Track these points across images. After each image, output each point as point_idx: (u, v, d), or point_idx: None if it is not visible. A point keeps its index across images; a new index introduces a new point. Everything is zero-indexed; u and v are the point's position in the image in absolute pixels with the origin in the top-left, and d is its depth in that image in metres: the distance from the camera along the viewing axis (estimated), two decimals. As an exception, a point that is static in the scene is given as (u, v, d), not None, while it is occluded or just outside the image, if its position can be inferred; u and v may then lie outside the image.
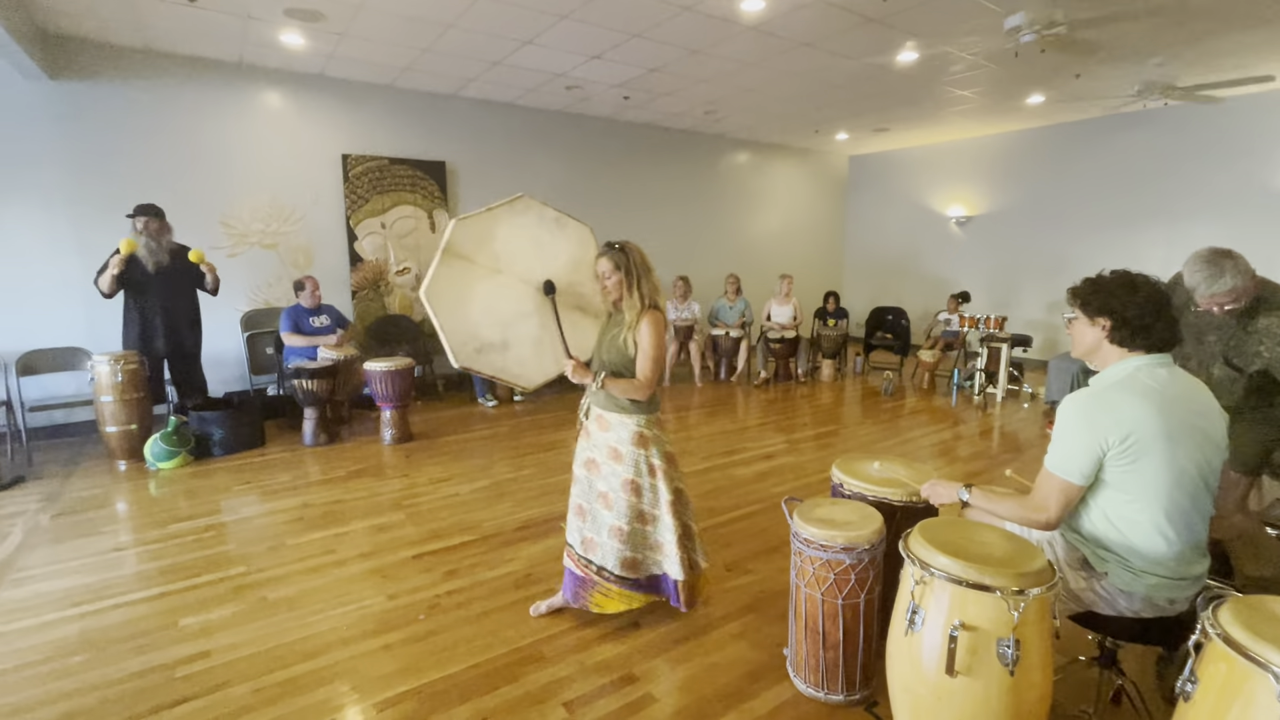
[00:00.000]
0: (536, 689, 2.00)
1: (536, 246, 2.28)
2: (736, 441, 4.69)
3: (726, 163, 8.44)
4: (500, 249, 2.23)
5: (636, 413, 2.19)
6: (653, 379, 2.15)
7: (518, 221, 2.26)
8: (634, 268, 2.15)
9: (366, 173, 5.82)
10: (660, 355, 2.15)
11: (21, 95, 4.42)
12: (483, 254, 2.19)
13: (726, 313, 7.01)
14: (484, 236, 2.19)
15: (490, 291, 2.21)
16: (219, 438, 4.26)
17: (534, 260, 2.27)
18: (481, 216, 2.20)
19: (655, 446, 2.22)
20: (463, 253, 2.16)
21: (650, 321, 2.13)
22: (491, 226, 2.21)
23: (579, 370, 2.20)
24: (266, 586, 2.61)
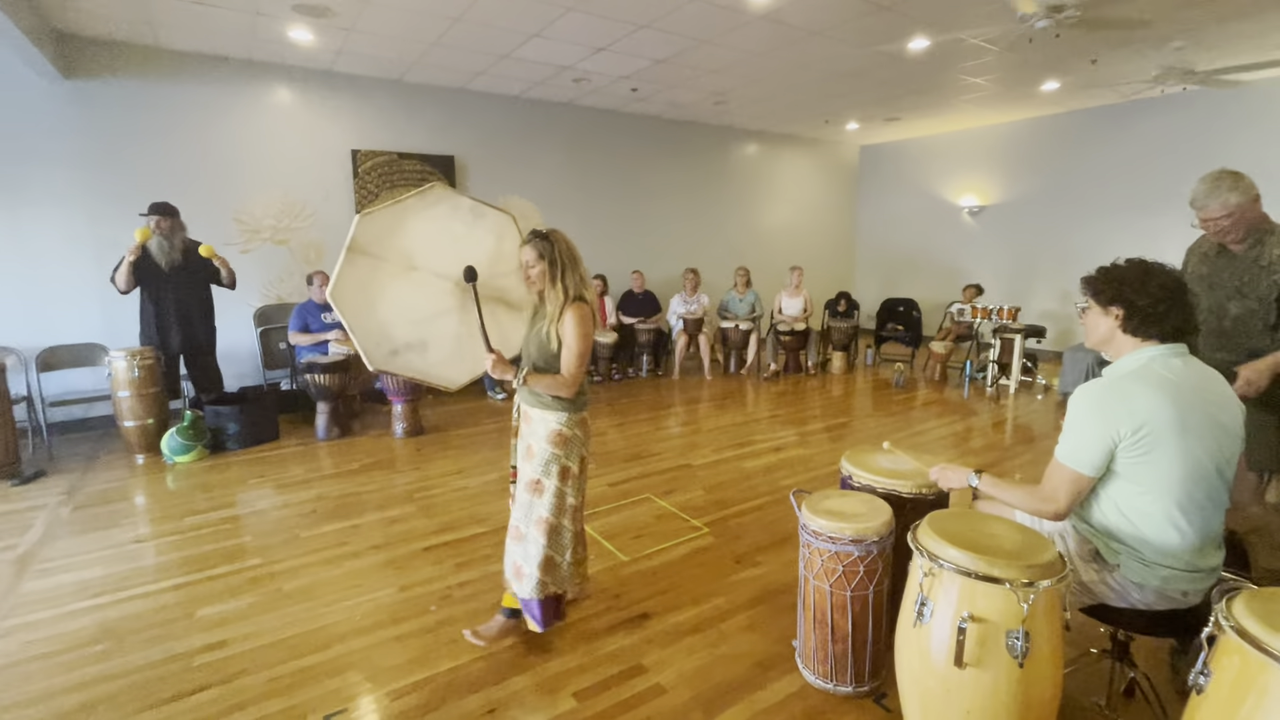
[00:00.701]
0: (547, 679, 2.02)
1: (453, 239, 2.16)
2: (746, 434, 4.68)
3: (735, 154, 8.39)
4: (413, 244, 2.10)
5: (560, 409, 2.09)
6: (577, 375, 2.05)
7: (431, 213, 2.13)
8: (559, 257, 2.03)
9: (376, 168, 5.84)
10: (585, 350, 2.04)
11: (37, 95, 4.48)
12: (393, 250, 2.07)
13: (736, 305, 6.98)
14: (393, 231, 2.07)
15: (404, 289, 2.09)
16: (234, 432, 4.32)
17: (451, 254, 2.14)
18: (389, 210, 2.07)
19: (575, 447, 2.11)
20: (370, 250, 2.04)
21: (575, 314, 2.01)
22: (400, 220, 2.08)
23: (499, 365, 2.08)
24: (282, 578, 2.65)
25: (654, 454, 4.22)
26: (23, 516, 3.30)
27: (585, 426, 2.16)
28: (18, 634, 2.28)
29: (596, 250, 7.25)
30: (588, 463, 2.21)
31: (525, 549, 2.12)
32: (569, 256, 2.04)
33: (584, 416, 2.15)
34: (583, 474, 2.18)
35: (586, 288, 2.08)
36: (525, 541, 2.12)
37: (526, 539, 2.12)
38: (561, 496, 2.11)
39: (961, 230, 8.68)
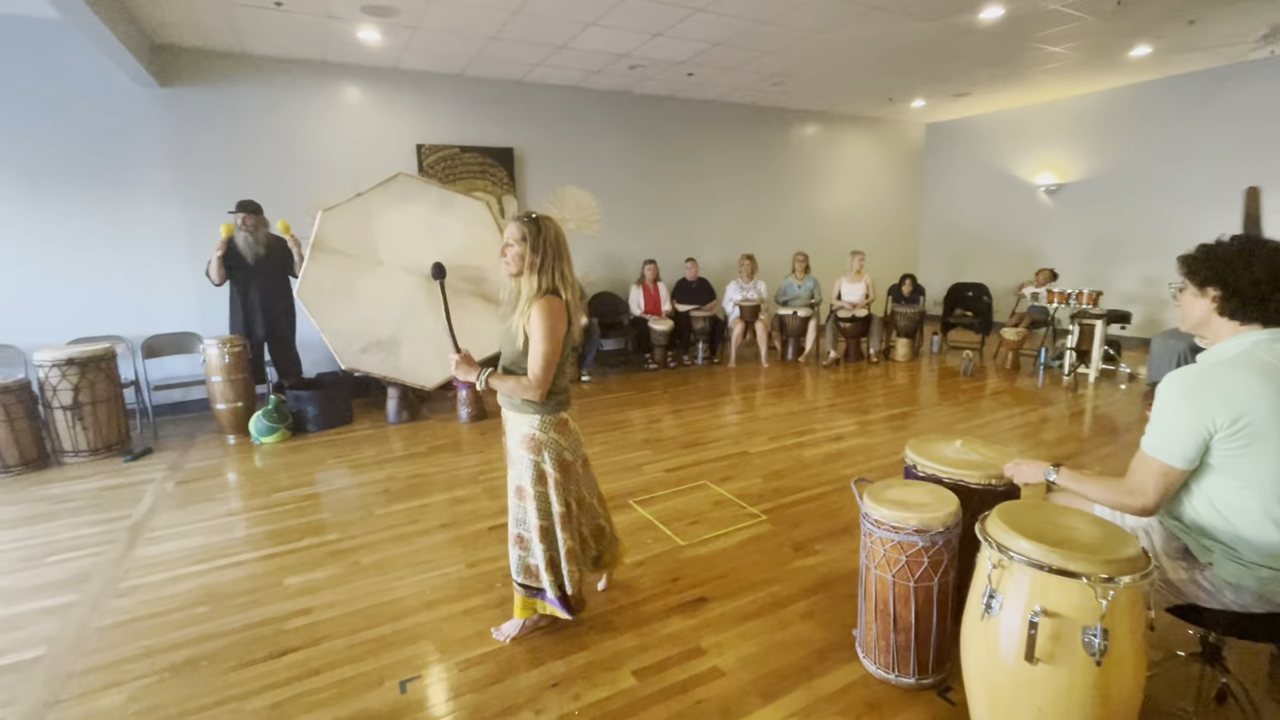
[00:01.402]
0: (606, 656, 2.08)
1: (424, 231, 2.05)
2: (804, 422, 4.61)
3: (794, 136, 8.19)
4: (381, 238, 2.01)
5: (531, 412, 1.97)
6: (543, 378, 1.89)
7: (397, 205, 2.03)
8: (543, 244, 1.88)
9: (439, 161, 6.03)
10: (554, 350, 1.89)
11: (136, 102, 4.85)
12: (360, 245, 1.96)
13: (794, 291, 6.85)
14: (359, 226, 1.96)
15: (374, 286, 1.99)
16: (313, 415, 4.60)
17: (422, 246, 2.07)
18: (352, 204, 1.97)
19: (547, 452, 2.00)
20: (335, 247, 1.95)
21: (544, 308, 1.86)
22: (365, 214, 2.00)
23: (464, 365, 1.98)
24: (359, 552, 2.82)
25: (710, 441, 4.23)
26: (134, 489, 3.64)
27: (564, 429, 2.05)
28: (134, 594, 2.53)
29: (652, 237, 7.27)
30: (574, 466, 2.09)
31: (531, 554, 2.09)
32: (555, 248, 1.91)
33: (561, 418, 2.04)
34: (568, 478, 2.07)
35: (568, 287, 1.94)
36: (528, 547, 2.09)
37: (530, 544, 2.08)
38: (545, 501, 2.04)
39: (1037, 210, 8.19)
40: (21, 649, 2.20)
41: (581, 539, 2.17)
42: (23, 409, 3.93)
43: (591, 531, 2.24)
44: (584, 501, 2.18)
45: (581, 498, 2.16)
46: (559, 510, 2.05)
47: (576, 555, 2.12)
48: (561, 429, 2.04)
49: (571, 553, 2.09)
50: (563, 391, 2.04)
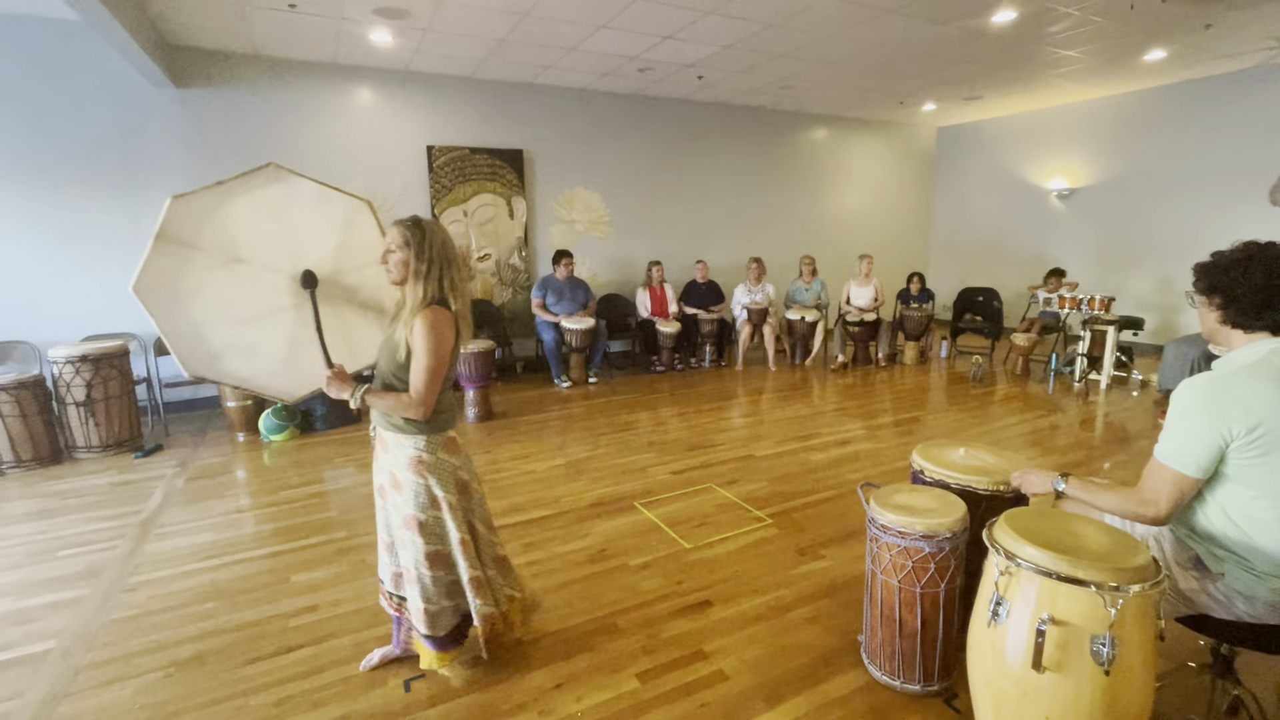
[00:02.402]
0: (610, 659, 2.08)
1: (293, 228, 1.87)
2: (811, 426, 4.59)
3: (803, 139, 8.18)
4: (240, 232, 1.81)
5: (414, 432, 1.80)
6: (426, 395, 1.72)
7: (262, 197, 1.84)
8: (428, 250, 1.74)
9: (449, 163, 6.06)
10: (436, 366, 1.72)
11: (152, 103, 4.91)
12: (214, 239, 1.79)
13: (802, 295, 6.83)
14: (215, 217, 1.79)
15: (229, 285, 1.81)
16: (321, 414, 4.63)
17: (289, 245, 1.85)
18: (209, 192, 1.79)
19: (437, 475, 1.82)
20: (183, 238, 1.75)
21: (429, 320, 1.70)
22: (224, 204, 1.80)
23: (336, 381, 1.80)
24: (365, 550, 2.83)
25: (716, 444, 4.22)
26: (145, 485, 3.68)
27: (453, 447, 1.88)
28: (143, 589, 2.55)
29: (660, 239, 7.27)
30: (472, 486, 1.93)
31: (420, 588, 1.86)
32: (442, 254, 1.76)
33: (449, 437, 1.87)
34: (466, 500, 1.90)
35: (458, 297, 1.78)
36: (416, 582, 1.86)
37: (419, 579, 1.86)
38: (442, 527, 1.86)
39: (1049, 215, 8.14)
40: (32, 642, 2.22)
41: (498, 561, 1.98)
42: (37, 405, 3.98)
43: (494, 562, 1.98)
44: (476, 531, 1.95)
45: (476, 525, 1.94)
46: (458, 536, 1.85)
47: (482, 585, 1.89)
48: (451, 448, 1.87)
49: (475, 583, 1.87)
50: (448, 409, 1.86)
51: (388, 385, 1.81)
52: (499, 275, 6.48)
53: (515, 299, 6.57)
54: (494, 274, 6.45)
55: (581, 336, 5.79)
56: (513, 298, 6.56)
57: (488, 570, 1.95)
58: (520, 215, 6.47)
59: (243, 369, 1.86)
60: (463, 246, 6.25)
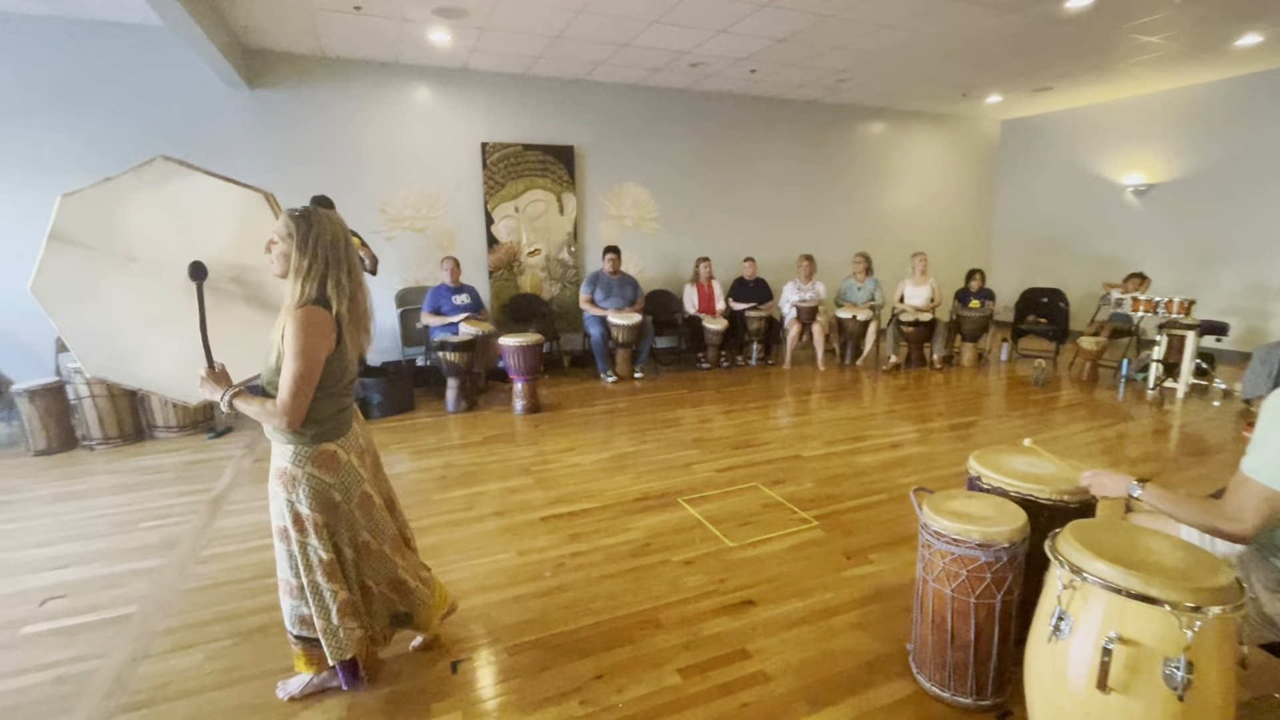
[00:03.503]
0: (652, 653, 2.09)
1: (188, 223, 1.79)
2: (861, 428, 4.48)
3: (858, 134, 7.96)
4: (133, 230, 1.75)
5: (284, 442, 1.67)
6: (291, 403, 1.56)
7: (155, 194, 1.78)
8: (313, 244, 1.60)
9: (502, 159, 6.18)
10: (306, 371, 1.56)
11: (228, 102, 5.19)
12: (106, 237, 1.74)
13: (854, 293, 6.67)
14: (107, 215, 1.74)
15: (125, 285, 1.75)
16: (377, 401, 4.81)
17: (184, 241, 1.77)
18: (98, 189, 1.73)
19: (307, 488, 1.66)
20: (75, 237, 1.71)
21: (301, 321, 1.56)
22: (114, 201, 1.74)
23: (209, 380, 1.70)
24: (417, 534, 2.90)
25: (762, 443, 4.17)
26: (216, 465, 3.90)
27: (328, 463, 1.69)
28: (214, 562, 2.71)
29: (708, 235, 7.22)
30: (343, 506, 1.73)
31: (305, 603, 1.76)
32: (329, 249, 1.62)
33: (325, 450, 1.69)
34: (335, 519, 1.72)
35: (342, 298, 1.64)
36: (302, 596, 1.76)
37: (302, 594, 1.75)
38: (305, 549, 1.70)
39: (1123, 212, 7.68)
40: (117, 605, 2.39)
41: (364, 590, 1.83)
42: (122, 387, 4.26)
43: (389, 584, 1.88)
44: (367, 547, 1.82)
45: (363, 543, 1.81)
46: (323, 557, 1.70)
47: (355, 608, 1.76)
48: (324, 463, 1.69)
49: (347, 606, 1.73)
50: (328, 420, 1.69)
51: (266, 390, 1.68)
52: (548, 270, 6.57)
53: (563, 294, 6.64)
54: (543, 269, 6.54)
55: (628, 332, 5.81)
56: (561, 292, 6.64)
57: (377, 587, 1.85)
58: (570, 211, 6.54)
59: (143, 371, 1.82)
60: (513, 242, 6.37)
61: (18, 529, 3.05)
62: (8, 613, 2.36)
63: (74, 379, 4.18)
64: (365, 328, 1.77)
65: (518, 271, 6.46)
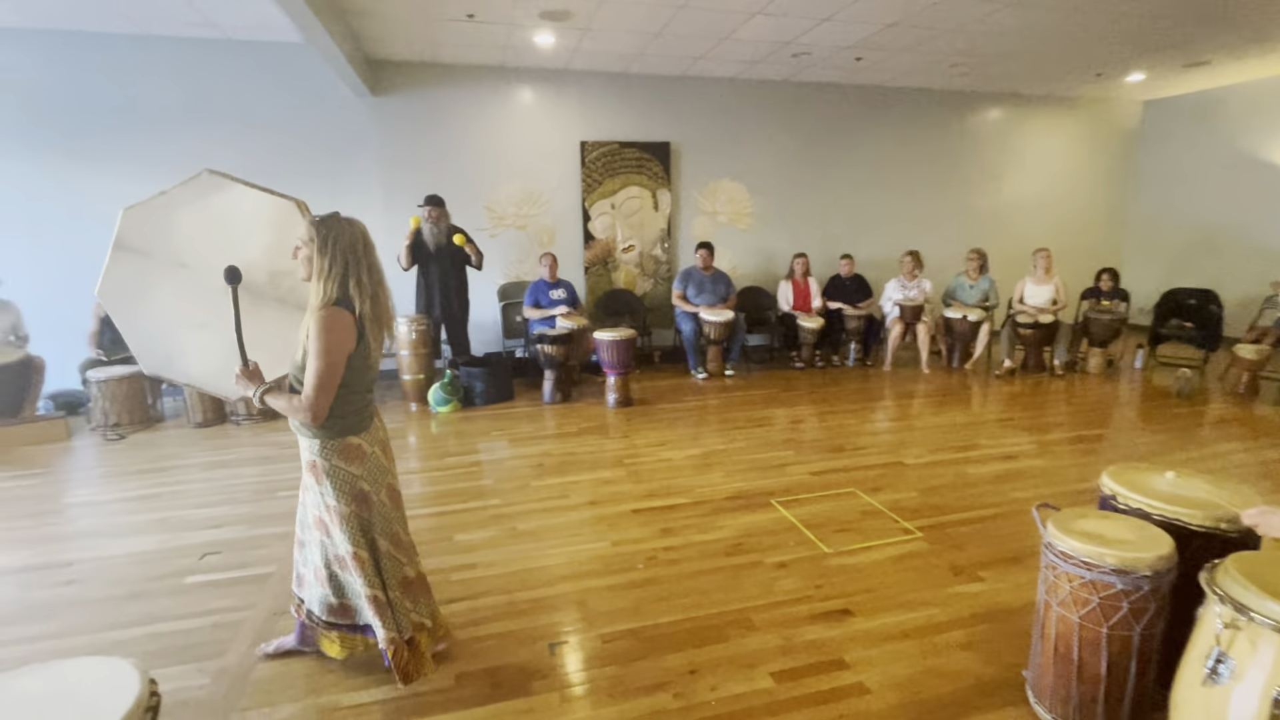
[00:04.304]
0: (745, 653, 2.07)
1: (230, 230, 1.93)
2: (970, 436, 4.21)
3: (973, 121, 7.43)
4: (183, 238, 1.90)
5: (310, 436, 1.76)
6: (314, 399, 1.65)
7: (202, 204, 1.92)
8: (333, 247, 1.68)
9: (600, 157, 6.30)
10: (329, 368, 1.64)
11: (353, 110, 5.63)
12: (161, 245, 1.89)
13: (965, 292, 6.25)
14: (161, 225, 1.89)
15: (177, 289, 1.89)
16: (480, 390, 5.08)
17: (226, 248, 1.90)
18: (154, 202, 1.89)
19: (331, 482, 1.75)
20: (135, 245, 1.87)
21: (323, 321, 1.64)
22: (169, 212, 1.90)
23: (243, 377, 1.79)
24: (516, 519, 3.06)
25: (860, 447, 4.01)
26: (339, 443, 4.26)
27: (353, 454, 1.77)
28: (338, 532, 2.97)
29: (805, 230, 7.02)
30: (376, 499, 1.82)
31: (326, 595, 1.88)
32: (349, 252, 1.70)
33: (350, 443, 1.77)
34: (366, 511, 1.80)
35: (364, 298, 1.71)
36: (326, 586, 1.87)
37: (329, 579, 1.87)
38: (354, 528, 1.80)
39: (1296, 202, 6.68)
40: (260, 564, 2.68)
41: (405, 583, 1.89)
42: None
43: (399, 584, 1.88)
44: (398, 539, 1.90)
45: (394, 534, 1.89)
46: (350, 551, 1.78)
47: (383, 606, 1.81)
48: (349, 455, 1.77)
49: (376, 601, 1.80)
50: (352, 414, 1.78)
51: (294, 387, 1.77)
52: (641, 266, 6.64)
53: (656, 289, 6.69)
54: (636, 265, 6.62)
55: (720, 329, 5.77)
56: (653, 288, 6.69)
57: (390, 592, 1.84)
58: (665, 207, 6.57)
59: (194, 369, 1.96)
60: (608, 238, 6.48)
61: (182, 491, 3.49)
62: (176, 564, 2.71)
63: (225, 361, 4.70)
64: (387, 325, 1.83)
65: (612, 267, 6.58)
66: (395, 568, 1.87)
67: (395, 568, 1.87)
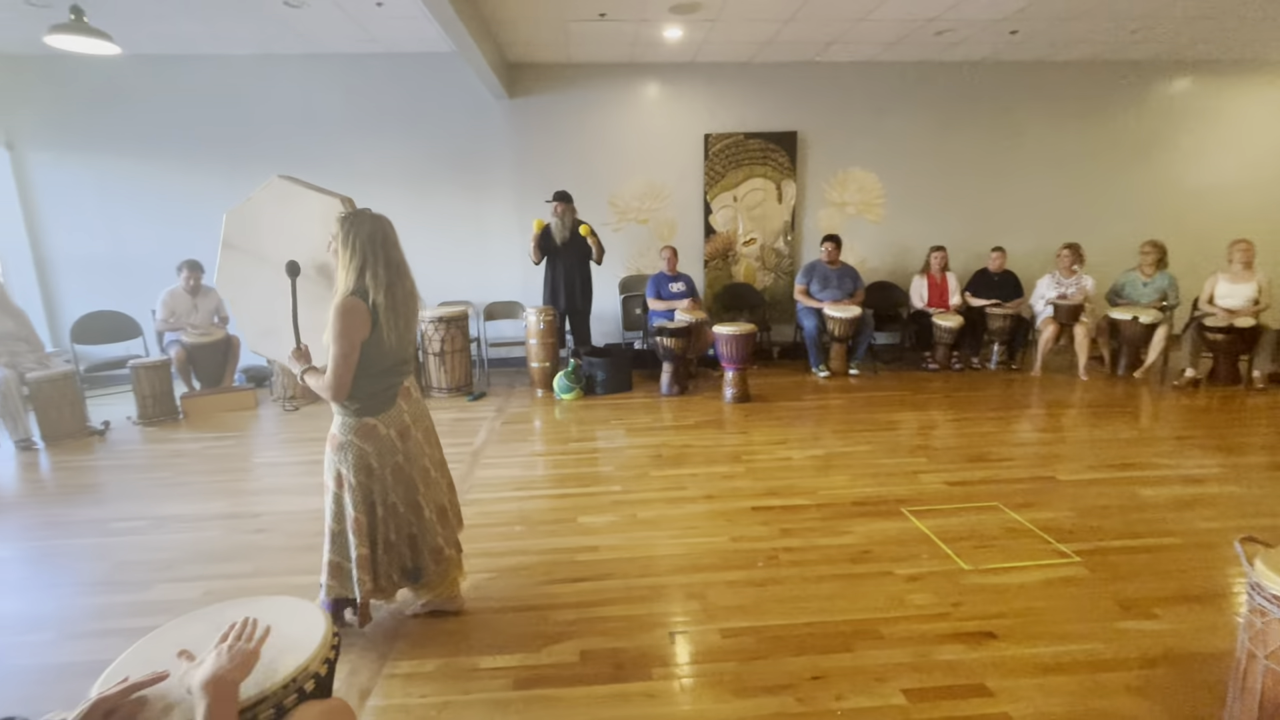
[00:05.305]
0: (873, 666, 1.97)
1: (295, 228, 2.15)
2: (1140, 454, 3.71)
3: (1153, 95, 6.49)
4: (265, 236, 2.17)
5: (336, 413, 2.00)
6: (333, 380, 1.86)
7: (277, 205, 2.16)
8: (354, 240, 1.86)
9: (724, 150, 6.24)
10: (345, 353, 1.84)
11: (492, 112, 5.99)
12: (250, 242, 2.17)
13: (1137, 290, 5.50)
14: (251, 225, 2.17)
15: (265, 279, 2.16)
16: (601, 379, 5.24)
17: (292, 244, 2.14)
18: (246, 204, 2.17)
19: (350, 454, 1.98)
20: (234, 243, 2.18)
21: (339, 309, 1.83)
22: (255, 214, 2.17)
23: (294, 356, 2.04)
24: (636, 506, 3.13)
25: (1003, 459, 3.67)
26: (474, 423, 4.60)
27: (370, 434, 1.99)
28: (475, 505, 3.20)
29: (944, 222, 6.52)
30: (381, 475, 2.02)
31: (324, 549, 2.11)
32: (369, 246, 1.87)
33: (367, 423, 1.98)
34: (371, 482, 2.01)
35: (379, 288, 1.87)
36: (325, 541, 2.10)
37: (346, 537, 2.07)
38: (339, 503, 2.03)
39: None
40: (408, 530, 2.95)
41: (387, 544, 2.08)
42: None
43: (407, 541, 2.12)
44: (394, 509, 2.07)
45: (391, 504, 2.06)
46: (352, 515, 2.01)
47: (370, 565, 2.05)
48: (365, 434, 1.99)
49: (364, 560, 2.03)
50: (370, 397, 1.97)
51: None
52: (762, 259, 6.50)
53: (776, 284, 6.53)
54: (757, 258, 6.50)
55: (845, 325, 5.52)
56: (774, 282, 6.54)
57: (376, 551, 2.06)
58: (789, 198, 6.38)
59: (277, 346, 2.21)
60: (729, 231, 6.41)
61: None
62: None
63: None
64: (404, 315, 1.96)
65: (732, 261, 6.50)
66: (385, 531, 2.07)
67: (385, 531, 2.07)
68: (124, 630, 2.24)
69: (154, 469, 3.87)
